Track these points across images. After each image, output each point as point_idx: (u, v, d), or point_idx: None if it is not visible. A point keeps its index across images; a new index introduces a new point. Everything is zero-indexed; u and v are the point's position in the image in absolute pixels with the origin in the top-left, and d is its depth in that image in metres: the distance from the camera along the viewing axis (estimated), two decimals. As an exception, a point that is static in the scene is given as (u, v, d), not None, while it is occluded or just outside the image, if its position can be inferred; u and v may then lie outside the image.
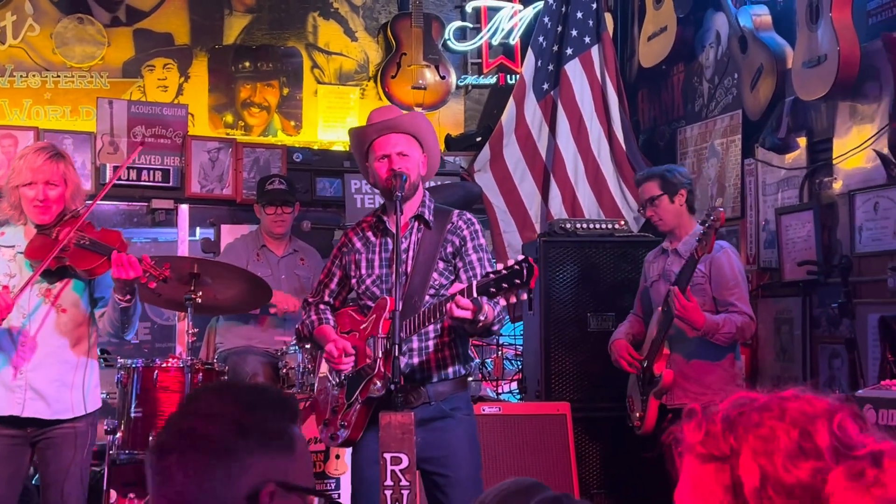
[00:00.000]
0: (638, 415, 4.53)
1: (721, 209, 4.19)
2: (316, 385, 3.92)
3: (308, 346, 4.66)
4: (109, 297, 3.75)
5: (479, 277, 3.55)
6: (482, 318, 3.26)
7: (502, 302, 3.24)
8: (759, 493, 1.25)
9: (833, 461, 1.25)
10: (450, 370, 3.58)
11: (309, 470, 1.52)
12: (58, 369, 3.72)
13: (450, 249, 3.60)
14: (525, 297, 3.19)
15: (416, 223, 3.62)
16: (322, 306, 3.81)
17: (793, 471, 1.24)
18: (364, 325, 3.59)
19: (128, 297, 3.65)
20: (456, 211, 3.70)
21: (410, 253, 3.59)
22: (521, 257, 3.17)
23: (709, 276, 4.37)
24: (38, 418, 3.70)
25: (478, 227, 3.68)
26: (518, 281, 3.13)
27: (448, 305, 3.21)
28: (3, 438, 3.70)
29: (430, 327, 3.48)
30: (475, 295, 3.18)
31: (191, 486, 1.38)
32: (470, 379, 3.73)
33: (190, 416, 1.44)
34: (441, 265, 3.58)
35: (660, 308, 4.42)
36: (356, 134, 3.71)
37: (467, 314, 3.20)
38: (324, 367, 3.81)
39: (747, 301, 4.45)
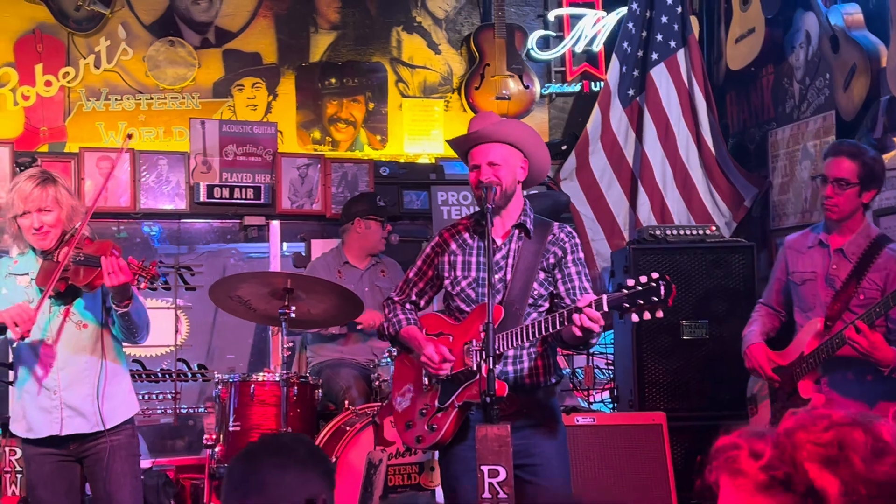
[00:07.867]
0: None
1: None
2: (392, 386, 3.86)
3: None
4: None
5: (577, 291, 3.53)
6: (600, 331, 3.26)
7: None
8: (843, 500, 1.30)
9: None
10: (542, 379, 3.58)
11: None
12: (89, 384, 3.77)
13: (551, 260, 3.59)
14: (661, 314, 3.13)
15: (517, 231, 3.61)
16: (409, 305, 3.79)
17: (876, 469, 1.30)
18: (458, 329, 3.57)
19: (126, 301, 3.64)
20: (556, 223, 3.68)
21: (510, 261, 3.58)
22: (655, 275, 3.11)
23: (883, 290, 3.79)
24: (78, 434, 3.76)
25: (578, 241, 3.67)
26: (655, 299, 3.09)
27: (577, 316, 3.18)
28: (50, 457, 3.78)
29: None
30: (605, 309, 3.17)
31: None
32: (559, 388, 3.70)
33: None
34: (542, 275, 3.57)
35: (820, 322, 3.91)
36: (453, 145, 3.71)
37: (595, 326, 3.18)
38: (405, 371, 3.80)
39: None
